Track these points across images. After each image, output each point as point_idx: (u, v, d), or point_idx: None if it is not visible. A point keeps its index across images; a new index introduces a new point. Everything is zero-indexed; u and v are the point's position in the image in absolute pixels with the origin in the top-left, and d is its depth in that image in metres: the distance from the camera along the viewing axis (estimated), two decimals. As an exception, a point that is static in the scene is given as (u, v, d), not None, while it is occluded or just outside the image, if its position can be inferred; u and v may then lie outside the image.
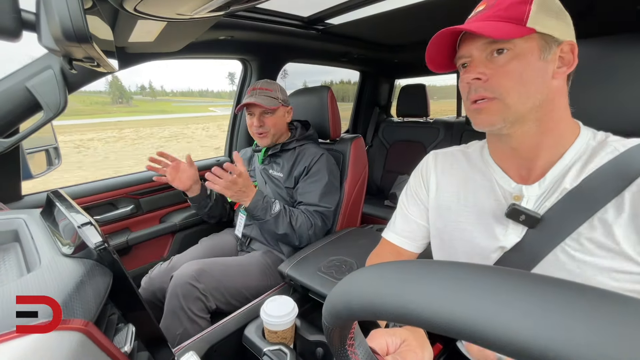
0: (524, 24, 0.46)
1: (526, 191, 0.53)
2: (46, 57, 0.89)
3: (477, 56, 0.50)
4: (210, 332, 0.84)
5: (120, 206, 1.41)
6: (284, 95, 1.29)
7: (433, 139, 2.35)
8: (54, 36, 0.43)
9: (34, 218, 0.49)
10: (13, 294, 0.28)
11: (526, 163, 0.53)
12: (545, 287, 0.17)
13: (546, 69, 0.47)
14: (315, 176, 1.22)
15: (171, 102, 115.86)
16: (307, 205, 1.20)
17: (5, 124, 0.89)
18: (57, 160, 1.26)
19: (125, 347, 0.35)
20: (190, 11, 0.73)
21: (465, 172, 0.63)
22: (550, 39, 0.47)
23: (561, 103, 0.50)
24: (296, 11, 1.47)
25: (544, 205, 0.51)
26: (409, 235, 0.72)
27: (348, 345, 0.32)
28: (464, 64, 0.53)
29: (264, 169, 1.33)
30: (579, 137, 0.51)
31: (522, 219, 0.52)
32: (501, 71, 0.48)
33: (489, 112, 0.50)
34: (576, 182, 0.49)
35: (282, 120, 1.28)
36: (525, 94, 0.47)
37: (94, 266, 0.37)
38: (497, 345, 0.17)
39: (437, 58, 0.55)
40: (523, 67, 0.47)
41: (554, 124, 0.50)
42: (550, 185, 0.51)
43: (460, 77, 0.53)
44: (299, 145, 1.30)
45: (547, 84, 0.48)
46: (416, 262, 0.23)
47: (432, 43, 0.52)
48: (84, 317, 0.29)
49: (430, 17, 1.47)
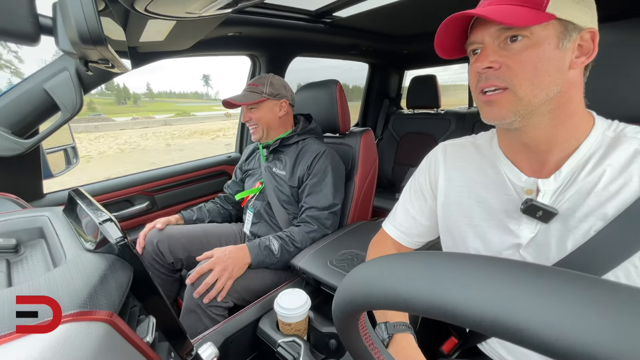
0: (543, 9, 0.42)
1: (542, 185, 0.50)
2: (62, 60, 0.91)
3: (489, 43, 0.47)
4: (226, 324, 0.87)
5: (136, 203, 1.45)
6: (274, 88, 1.25)
7: (444, 131, 2.31)
8: (71, 39, 0.45)
9: (57, 215, 0.51)
10: (43, 287, 0.30)
11: (538, 156, 0.51)
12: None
13: (563, 58, 0.44)
14: (317, 176, 1.20)
15: (174, 102, 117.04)
16: (310, 209, 1.18)
17: (25, 125, 0.93)
18: (75, 160, 1.30)
19: (147, 338, 0.37)
20: (199, 9, 0.74)
21: (476, 165, 0.60)
22: (570, 25, 0.44)
23: (577, 95, 0.48)
24: (304, 5, 1.47)
25: (559, 199, 0.49)
26: (405, 230, 0.72)
27: (369, 346, 0.33)
28: (474, 50, 0.50)
29: (267, 166, 1.32)
30: (594, 129, 0.49)
31: (538, 215, 0.49)
32: (514, 59, 0.45)
33: (500, 105, 0.47)
34: (593, 175, 0.46)
35: (270, 114, 1.25)
36: (539, 85, 0.45)
37: (116, 261, 0.38)
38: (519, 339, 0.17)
39: (446, 43, 0.52)
40: (538, 56, 0.44)
41: (568, 116, 0.48)
42: (566, 178, 0.49)
43: (471, 65, 0.51)
44: (301, 139, 1.28)
45: (564, 74, 0.45)
46: (417, 255, 0.24)
47: (442, 28, 0.49)
48: (108, 308, 0.31)
49: (442, 5, 1.44)
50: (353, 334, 0.32)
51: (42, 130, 0.95)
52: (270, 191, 1.27)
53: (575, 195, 0.48)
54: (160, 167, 1.58)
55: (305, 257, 1.03)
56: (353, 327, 0.31)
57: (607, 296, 0.16)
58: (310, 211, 1.18)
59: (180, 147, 14.19)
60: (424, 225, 0.70)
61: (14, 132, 0.90)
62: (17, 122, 0.91)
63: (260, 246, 1.08)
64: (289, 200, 1.25)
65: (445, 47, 0.53)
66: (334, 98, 1.37)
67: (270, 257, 1.07)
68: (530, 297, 0.17)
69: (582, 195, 0.47)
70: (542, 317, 0.16)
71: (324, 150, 1.23)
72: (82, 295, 0.30)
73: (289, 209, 1.25)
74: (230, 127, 21.60)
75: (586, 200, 0.47)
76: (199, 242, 1.22)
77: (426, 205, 0.69)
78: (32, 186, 1.12)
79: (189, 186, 1.62)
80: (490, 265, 0.20)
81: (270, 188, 1.27)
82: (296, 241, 1.12)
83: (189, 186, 1.62)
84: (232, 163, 1.78)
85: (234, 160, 1.79)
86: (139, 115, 47.41)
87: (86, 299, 0.30)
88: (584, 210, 0.47)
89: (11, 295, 0.28)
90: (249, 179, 1.41)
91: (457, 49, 0.54)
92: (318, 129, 1.35)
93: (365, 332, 0.33)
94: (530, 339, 0.16)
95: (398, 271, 0.24)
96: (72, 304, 0.29)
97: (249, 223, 1.32)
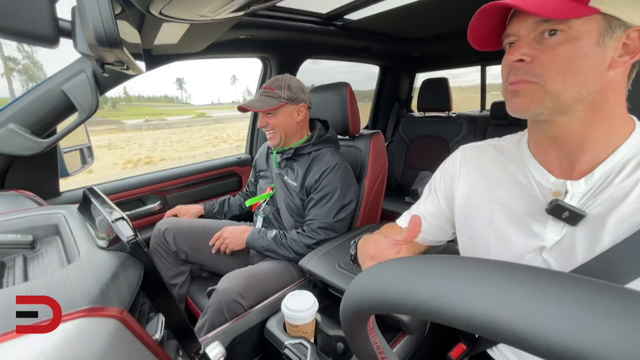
0: (586, 3, 0.39)
1: (571, 187, 0.48)
2: (79, 62, 0.94)
3: (524, 36, 0.44)
4: (233, 324, 0.87)
5: (148, 202, 1.48)
6: (292, 92, 1.18)
7: (456, 134, 2.29)
8: (88, 42, 0.46)
9: (72, 213, 0.53)
10: (58, 283, 0.31)
11: (568, 155, 0.48)
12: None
13: (603, 56, 0.41)
14: (323, 190, 1.16)
15: (155, 106, 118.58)
16: (312, 221, 1.17)
17: (44, 125, 0.96)
18: (91, 159, 1.33)
19: (156, 335, 0.37)
20: (212, 12, 0.75)
21: (499, 166, 0.59)
22: (615, 21, 0.40)
23: (615, 96, 0.44)
24: (315, 8, 1.47)
25: (589, 203, 0.46)
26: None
27: (377, 353, 0.33)
28: (510, 43, 0.47)
29: (279, 173, 1.29)
30: (634, 132, 0.45)
31: (565, 216, 0.47)
32: (548, 53, 0.42)
33: (526, 96, 0.45)
34: (630, 180, 0.43)
35: (288, 120, 1.20)
36: (571, 81, 0.42)
37: (127, 258, 0.39)
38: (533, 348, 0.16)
39: (481, 33, 0.49)
40: (574, 51, 0.41)
41: (604, 115, 0.44)
42: (598, 181, 0.46)
43: (504, 58, 0.48)
44: (314, 150, 1.23)
45: (601, 73, 0.42)
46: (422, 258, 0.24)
47: (475, 18, 0.47)
48: (119, 305, 0.31)
49: (454, 7, 1.43)
50: (361, 337, 0.32)
51: (59, 131, 0.98)
52: (280, 198, 1.27)
53: (607, 200, 0.45)
54: (171, 167, 1.61)
55: (313, 260, 1.03)
56: (361, 331, 0.31)
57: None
58: (312, 224, 1.17)
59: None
60: (433, 224, 0.69)
61: (32, 132, 0.93)
62: (35, 122, 0.93)
63: (259, 231, 1.20)
64: (297, 210, 1.24)
65: (479, 37, 0.50)
66: (344, 101, 1.37)
67: (262, 240, 1.17)
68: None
69: (615, 200, 0.44)
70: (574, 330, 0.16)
71: (334, 164, 1.18)
72: (94, 292, 0.31)
73: (296, 218, 1.25)
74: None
75: (620, 206, 0.44)
76: (202, 238, 1.26)
77: (439, 207, 0.68)
78: (48, 184, 1.15)
79: (199, 187, 1.64)
80: (508, 271, 0.20)
81: (281, 195, 1.27)
82: (291, 240, 1.15)
83: (200, 187, 1.65)
84: (242, 164, 1.80)
85: (244, 161, 1.81)
86: (152, 117, 48.30)
87: (98, 296, 0.31)
88: (617, 216, 0.44)
89: (14, 294, 0.29)
90: (261, 180, 1.42)
91: (492, 41, 0.51)
92: (334, 138, 1.31)
93: (374, 335, 0.33)
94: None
95: (409, 275, 0.23)
96: (84, 300, 0.30)
97: (259, 227, 1.32)
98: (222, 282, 1.01)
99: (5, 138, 0.89)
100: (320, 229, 1.16)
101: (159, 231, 1.23)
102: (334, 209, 1.16)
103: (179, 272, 1.25)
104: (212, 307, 0.97)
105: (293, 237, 1.16)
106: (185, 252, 1.23)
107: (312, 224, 1.17)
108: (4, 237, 0.45)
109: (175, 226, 1.24)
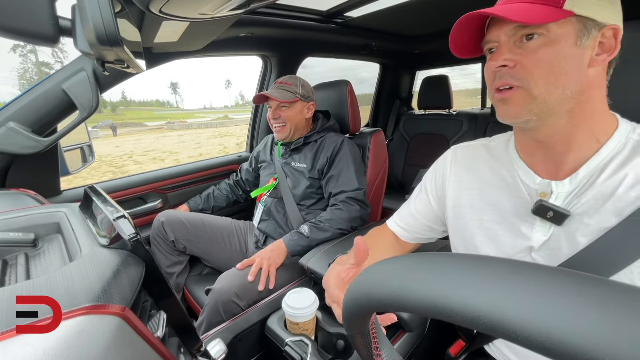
0: (561, 6, 0.41)
1: (555, 187, 0.49)
2: (79, 60, 0.94)
3: (505, 42, 0.46)
4: (234, 322, 0.87)
5: (149, 200, 1.48)
6: (305, 90, 1.28)
7: (456, 132, 2.28)
8: (89, 41, 0.46)
9: (74, 211, 0.53)
10: (60, 280, 0.31)
11: (554, 157, 0.49)
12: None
13: (582, 56, 0.43)
14: (339, 164, 1.22)
15: (151, 110, 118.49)
16: (339, 194, 1.19)
17: (44, 124, 0.96)
18: (91, 158, 1.33)
19: (158, 332, 0.37)
20: (212, 10, 0.75)
21: (488, 167, 0.60)
22: (590, 22, 0.42)
23: (597, 94, 0.46)
24: (315, 5, 1.47)
25: (574, 202, 0.47)
26: (405, 227, 0.74)
27: (374, 349, 0.33)
28: (490, 49, 0.50)
29: (285, 162, 1.33)
30: (617, 131, 0.46)
31: (549, 216, 0.48)
32: (530, 58, 0.44)
33: (514, 103, 0.46)
34: (613, 179, 0.44)
35: (299, 115, 1.28)
36: (554, 83, 0.43)
37: (128, 256, 0.39)
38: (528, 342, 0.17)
39: (461, 41, 0.52)
40: (554, 53, 0.42)
41: (587, 116, 0.46)
42: (582, 181, 0.47)
43: (486, 64, 0.50)
44: (319, 137, 1.31)
45: (582, 73, 0.43)
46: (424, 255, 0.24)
47: (456, 27, 0.49)
48: (121, 302, 0.32)
49: (455, 5, 1.42)
50: (362, 334, 0.32)
51: (60, 129, 0.98)
52: (285, 187, 1.29)
53: (591, 200, 0.46)
54: (172, 166, 1.62)
55: (314, 257, 1.03)
56: (362, 328, 0.31)
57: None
58: (340, 196, 1.19)
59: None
60: (423, 223, 0.71)
61: (33, 131, 0.93)
62: (36, 120, 0.93)
63: (292, 235, 1.14)
64: (304, 195, 1.26)
65: (460, 46, 0.53)
66: (344, 98, 1.37)
67: (302, 239, 1.12)
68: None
69: (599, 200, 0.45)
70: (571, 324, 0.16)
71: (342, 140, 1.26)
72: (96, 290, 0.31)
73: (303, 205, 1.27)
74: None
75: (604, 206, 0.45)
76: (199, 229, 1.31)
77: (429, 207, 0.70)
78: (49, 183, 1.15)
79: (200, 185, 1.65)
80: (504, 267, 0.20)
81: (285, 184, 1.30)
82: (326, 219, 1.14)
83: (200, 185, 1.65)
84: (242, 163, 1.80)
85: (244, 159, 1.81)
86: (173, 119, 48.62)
87: (100, 293, 0.31)
88: (601, 215, 0.45)
89: (15, 292, 0.29)
90: (263, 171, 1.44)
91: (473, 48, 0.53)
92: (336, 126, 1.38)
93: (374, 333, 0.33)
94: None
95: (411, 273, 0.24)
96: (87, 298, 0.30)
97: (259, 217, 1.35)
98: (219, 281, 1.02)
99: (6, 136, 0.89)
100: (350, 199, 1.18)
101: (158, 221, 1.29)
102: (354, 177, 1.20)
103: (176, 262, 1.29)
104: (208, 306, 0.98)
105: (326, 217, 1.16)
106: (183, 244, 1.27)
107: (339, 196, 1.19)
108: (6, 235, 0.45)
109: (174, 217, 1.29)
